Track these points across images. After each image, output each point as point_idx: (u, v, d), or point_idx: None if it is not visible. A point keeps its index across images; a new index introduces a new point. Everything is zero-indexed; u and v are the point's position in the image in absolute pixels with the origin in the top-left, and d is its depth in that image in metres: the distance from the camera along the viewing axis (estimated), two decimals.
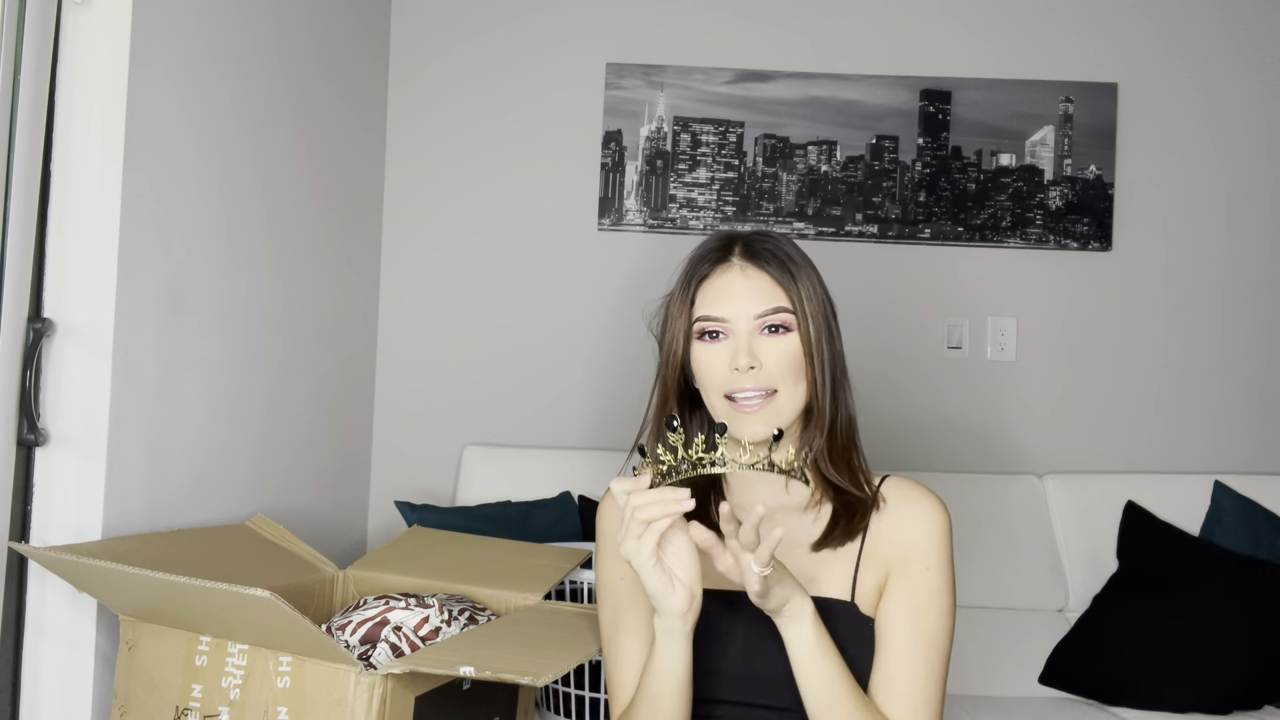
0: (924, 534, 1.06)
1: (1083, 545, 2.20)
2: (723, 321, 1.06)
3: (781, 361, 1.05)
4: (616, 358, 2.43)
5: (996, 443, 2.41)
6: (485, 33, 2.46)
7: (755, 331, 1.06)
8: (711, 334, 1.07)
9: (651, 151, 2.43)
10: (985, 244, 2.41)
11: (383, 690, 1.10)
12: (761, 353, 1.05)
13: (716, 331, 1.07)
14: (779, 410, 1.04)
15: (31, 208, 1.28)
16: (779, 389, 1.04)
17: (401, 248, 2.44)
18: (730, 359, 1.05)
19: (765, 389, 1.04)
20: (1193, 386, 2.42)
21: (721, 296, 1.07)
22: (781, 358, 1.05)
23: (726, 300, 1.07)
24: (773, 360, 1.05)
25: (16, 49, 1.25)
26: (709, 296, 1.08)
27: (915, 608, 1.03)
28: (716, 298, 1.07)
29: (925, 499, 1.08)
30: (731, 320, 1.06)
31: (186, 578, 1.09)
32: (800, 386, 1.06)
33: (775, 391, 1.04)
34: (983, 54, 2.44)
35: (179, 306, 1.49)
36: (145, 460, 1.41)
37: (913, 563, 1.04)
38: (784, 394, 1.05)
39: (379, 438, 2.42)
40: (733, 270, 1.08)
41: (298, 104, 1.90)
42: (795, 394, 1.06)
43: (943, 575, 1.05)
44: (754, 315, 1.05)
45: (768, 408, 1.04)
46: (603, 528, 1.18)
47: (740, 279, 1.08)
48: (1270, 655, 1.91)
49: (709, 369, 1.07)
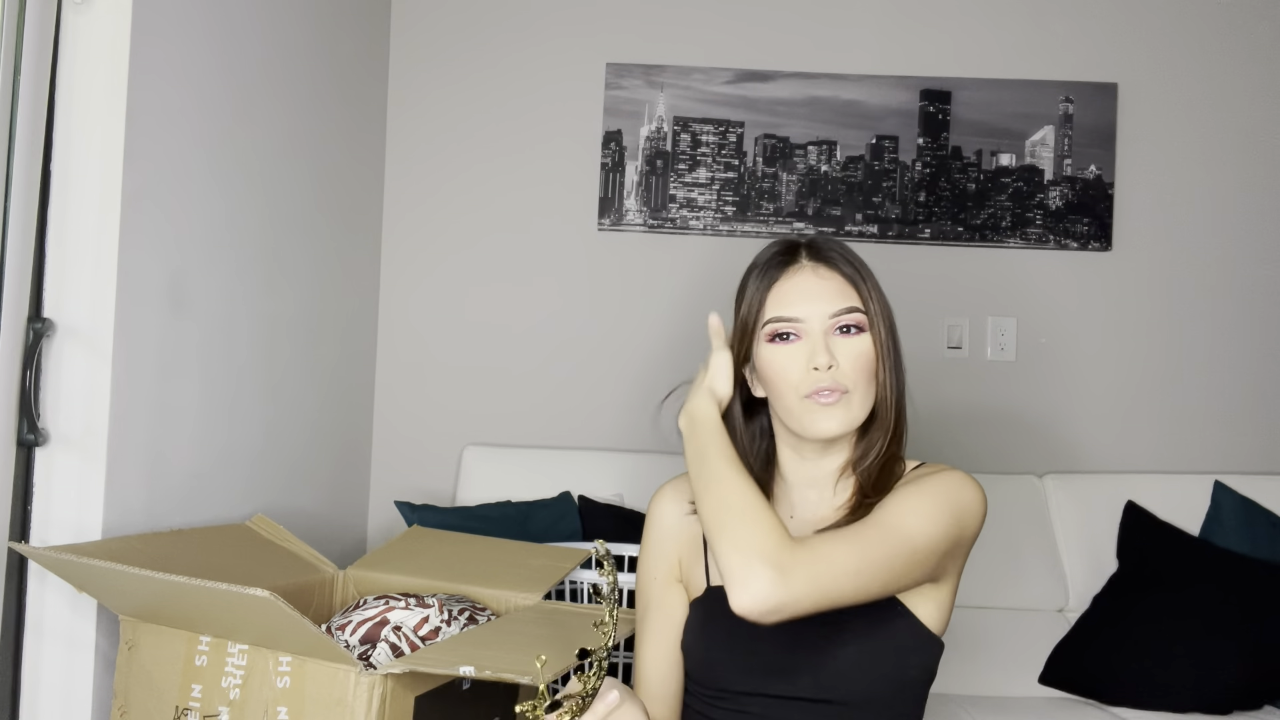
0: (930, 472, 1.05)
1: (1083, 545, 2.20)
2: (796, 322, 1.04)
3: (855, 362, 1.04)
4: (617, 357, 2.43)
5: (996, 443, 2.41)
6: (485, 32, 2.46)
7: (830, 331, 1.04)
8: (783, 335, 1.05)
9: (651, 151, 2.43)
10: (985, 244, 2.41)
11: (383, 690, 1.10)
12: (836, 352, 1.03)
13: (788, 333, 1.05)
14: (850, 409, 1.03)
15: (31, 208, 1.28)
16: (851, 390, 1.03)
17: (401, 247, 2.44)
18: (807, 359, 1.03)
19: (840, 388, 1.02)
20: (1192, 386, 2.42)
21: (793, 296, 1.05)
22: (855, 358, 1.04)
23: (799, 300, 1.05)
24: (847, 360, 1.03)
25: (16, 49, 1.25)
26: (780, 297, 1.06)
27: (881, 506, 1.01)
28: (787, 297, 1.06)
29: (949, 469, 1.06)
30: (806, 320, 1.04)
31: (186, 578, 1.09)
32: (871, 389, 1.05)
33: (848, 392, 1.03)
34: (983, 54, 2.44)
35: (179, 306, 1.49)
36: (145, 460, 1.41)
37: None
38: (856, 395, 1.04)
39: (379, 438, 2.42)
40: (804, 271, 1.07)
41: (298, 102, 1.90)
42: (866, 396, 1.05)
43: (925, 487, 1.01)
44: (829, 315, 1.04)
45: (841, 406, 1.03)
46: (651, 522, 1.18)
47: (813, 278, 1.06)
48: (1270, 655, 1.91)
49: (783, 370, 1.05)
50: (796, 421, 1.05)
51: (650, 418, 2.41)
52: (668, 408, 1.20)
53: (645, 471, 2.22)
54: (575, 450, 2.33)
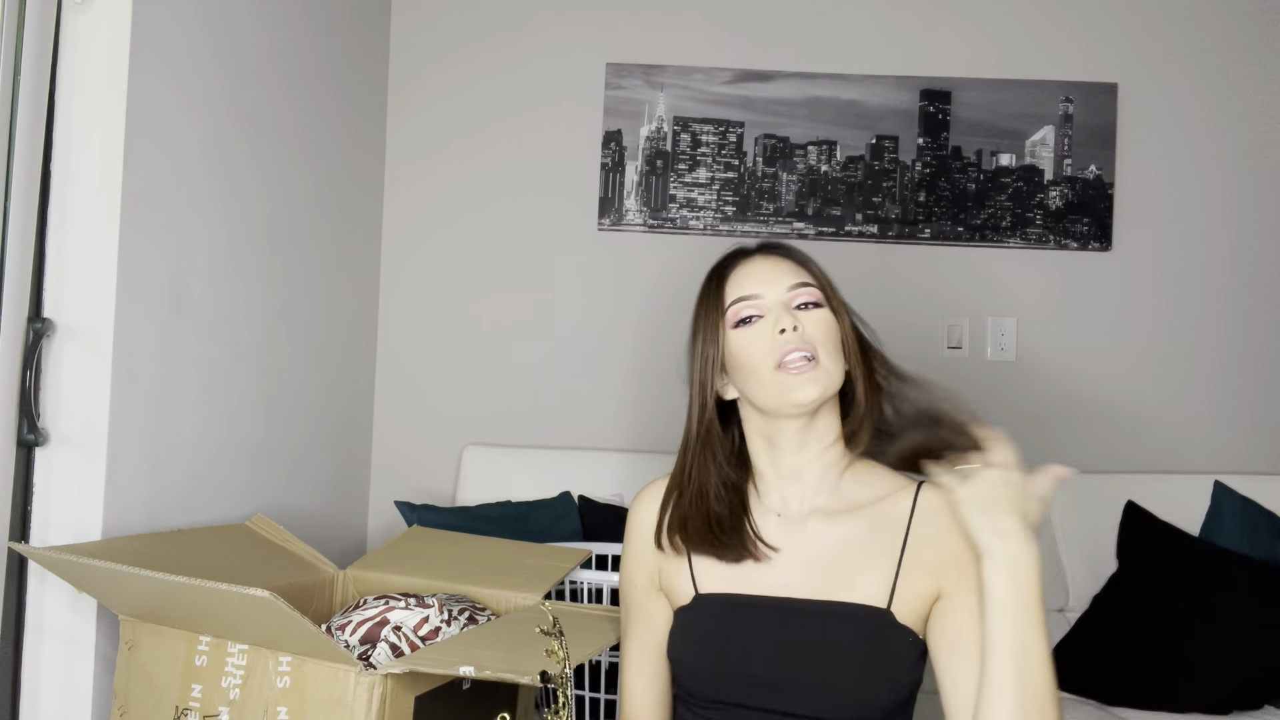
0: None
1: (1083, 545, 2.20)
2: (755, 299, 1.07)
3: (819, 328, 1.06)
4: (617, 357, 2.43)
5: None
6: (485, 32, 2.46)
7: (789, 304, 1.07)
8: (745, 319, 1.08)
9: (651, 151, 2.43)
10: (985, 244, 2.41)
11: (382, 690, 1.10)
12: (801, 320, 1.06)
13: (750, 315, 1.07)
14: (825, 373, 1.04)
15: (31, 208, 1.28)
16: (819, 356, 1.04)
17: (401, 247, 2.44)
18: (772, 328, 1.05)
19: (809, 349, 1.04)
20: (1193, 386, 2.42)
21: (749, 279, 1.09)
22: (818, 324, 1.06)
23: (754, 281, 1.09)
24: (810, 325, 1.06)
25: (16, 49, 1.25)
26: (736, 283, 1.10)
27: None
28: (743, 282, 1.09)
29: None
30: (764, 295, 1.07)
31: (186, 578, 1.09)
32: (838, 361, 1.06)
33: (816, 358, 1.04)
34: (983, 54, 2.44)
35: (179, 306, 1.49)
36: (145, 460, 1.41)
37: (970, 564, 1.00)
38: (825, 360, 1.05)
39: (379, 438, 2.42)
40: (754, 259, 1.12)
41: (298, 102, 1.90)
42: (836, 364, 1.06)
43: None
44: (785, 288, 1.07)
45: (815, 370, 1.03)
46: (630, 528, 1.18)
47: (764, 263, 1.10)
48: (1270, 655, 1.91)
49: (750, 347, 1.06)
50: (772, 398, 1.05)
51: (650, 418, 2.41)
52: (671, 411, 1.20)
53: (645, 471, 2.22)
54: (575, 450, 2.33)
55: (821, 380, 1.04)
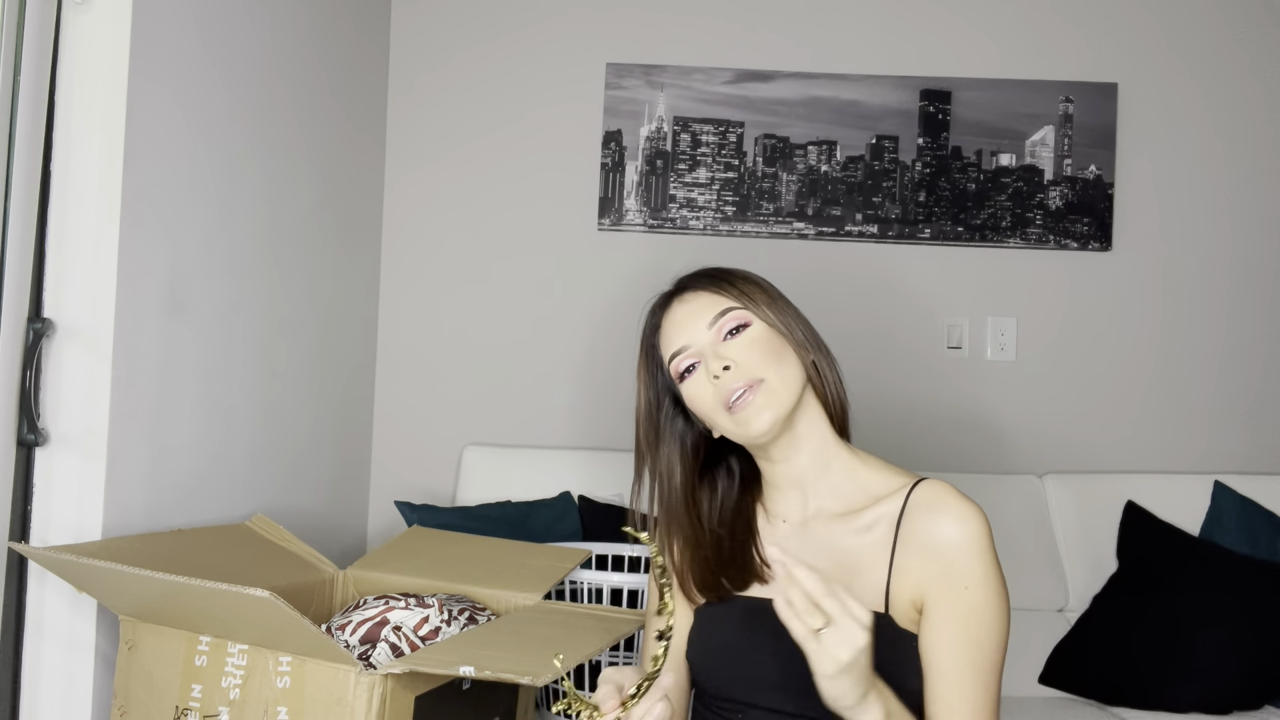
0: (959, 546, 1.00)
1: (1083, 545, 2.20)
2: (685, 350, 1.08)
3: (750, 350, 1.05)
4: (617, 358, 2.43)
5: (996, 443, 2.40)
6: (485, 32, 2.46)
7: (717, 341, 1.06)
8: (688, 370, 1.08)
9: (651, 151, 2.43)
10: (985, 244, 2.41)
11: (382, 690, 1.10)
12: (728, 354, 1.05)
13: (690, 365, 1.08)
14: (773, 393, 1.04)
15: (31, 208, 1.28)
16: (763, 376, 1.04)
17: (401, 247, 2.44)
18: (707, 375, 1.06)
19: (748, 381, 1.03)
20: (1192, 386, 2.42)
21: (672, 332, 1.10)
22: (749, 346, 1.05)
23: (677, 331, 1.09)
24: (741, 354, 1.05)
25: (16, 49, 1.25)
26: (665, 338, 1.11)
27: (960, 633, 0.99)
28: (669, 335, 1.10)
29: (957, 506, 1.02)
30: (691, 343, 1.07)
31: (186, 578, 1.09)
32: (785, 365, 1.05)
33: (761, 380, 1.04)
34: (983, 54, 2.44)
35: (179, 307, 1.49)
36: (145, 460, 1.41)
37: (951, 582, 0.99)
38: (770, 378, 1.04)
39: (379, 438, 2.42)
40: (671, 307, 1.12)
41: (298, 103, 1.90)
42: (783, 373, 1.05)
43: (985, 589, 1.00)
44: (706, 326, 1.07)
45: (760, 394, 1.03)
46: None
47: (681, 308, 1.10)
48: (1270, 655, 1.91)
49: (699, 397, 1.07)
50: (737, 435, 1.06)
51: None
52: None
53: None
54: (575, 450, 2.33)
55: (771, 403, 1.03)
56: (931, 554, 1.00)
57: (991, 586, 1.00)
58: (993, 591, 1.00)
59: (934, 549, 1.00)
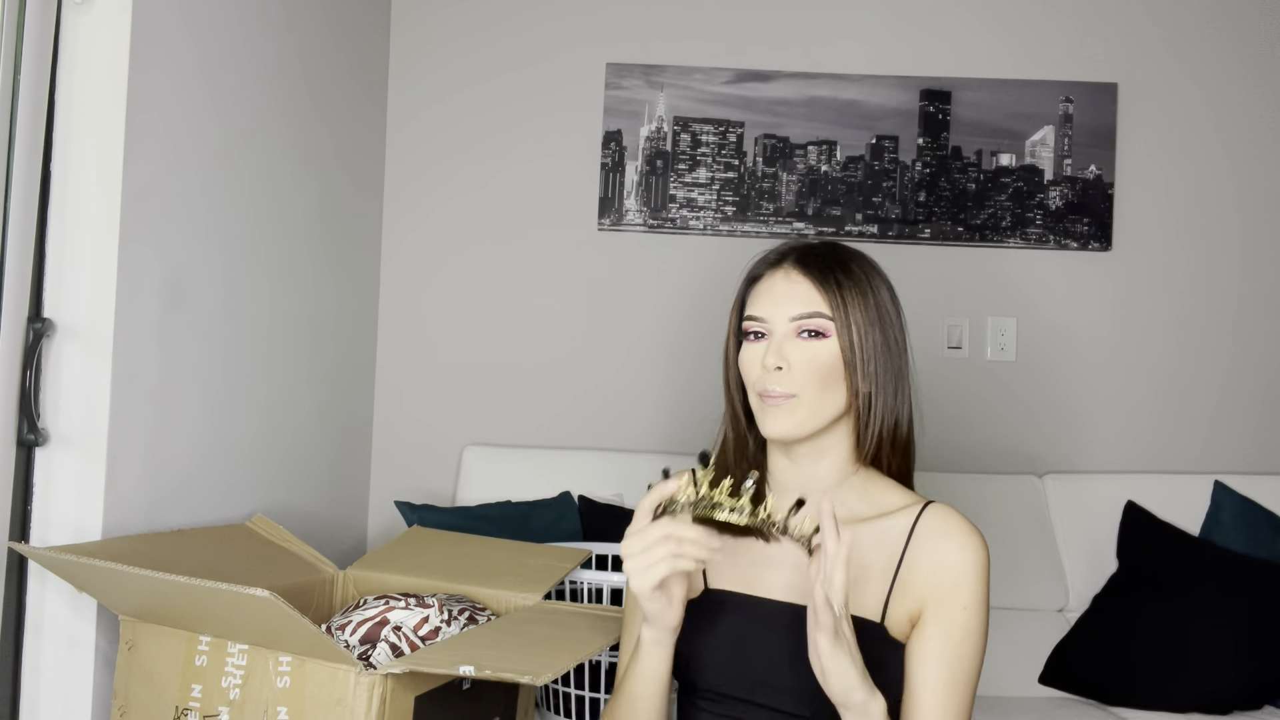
0: (962, 571, 1.03)
1: (1083, 545, 2.20)
2: (762, 321, 1.09)
3: (808, 365, 1.05)
4: (616, 358, 2.43)
5: (996, 443, 2.41)
6: (485, 32, 2.46)
7: (791, 334, 1.07)
8: (755, 334, 1.09)
9: (651, 151, 2.43)
10: (985, 244, 2.42)
11: (382, 690, 1.10)
12: (792, 354, 1.06)
13: (759, 332, 1.09)
14: (795, 414, 1.05)
15: (31, 208, 1.28)
16: (799, 395, 1.05)
17: (401, 247, 2.44)
18: (763, 357, 1.07)
19: (786, 393, 1.05)
20: (1192, 386, 2.42)
21: (764, 299, 1.10)
22: (809, 361, 1.05)
23: (766, 302, 1.09)
24: (800, 364, 1.05)
25: (16, 49, 1.25)
26: (753, 299, 1.11)
27: (951, 649, 1.02)
28: (758, 299, 1.10)
29: (964, 532, 1.05)
30: (769, 320, 1.08)
31: (186, 578, 1.09)
32: (828, 395, 1.06)
33: (795, 396, 1.05)
34: (983, 54, 2.44)
35: (179, 306, 1.49)
36: (145, 460, 1.41)
37: (950, 601, 1.02)
38: (805, 401, 1.05)
39: (379, 438, 2.42)
40: (777, 274, 1.11)
41: (298, 103, 1.90)
42: (818, 403, 1.05)
43: (978, 615, 1.03)
44: (789, 317, 1.07)
45: (791, 405, 1.05)
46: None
47: (783, 283, 1.09)
48: (1270, 655, 1.91)
49: (747, 367, 1.09)
50: (758, 419, 1.08)
51: (651, 418, 2.41)
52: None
53: (645, 471, 2.22)
54: (575, 450, 2.33)
55: (793, 420, 1.04)
56: (936, 575, 1.03)
57: (984, 610, 1.04)
58: (984, 615, 1.04)
59: (939, 571, 1.03)
